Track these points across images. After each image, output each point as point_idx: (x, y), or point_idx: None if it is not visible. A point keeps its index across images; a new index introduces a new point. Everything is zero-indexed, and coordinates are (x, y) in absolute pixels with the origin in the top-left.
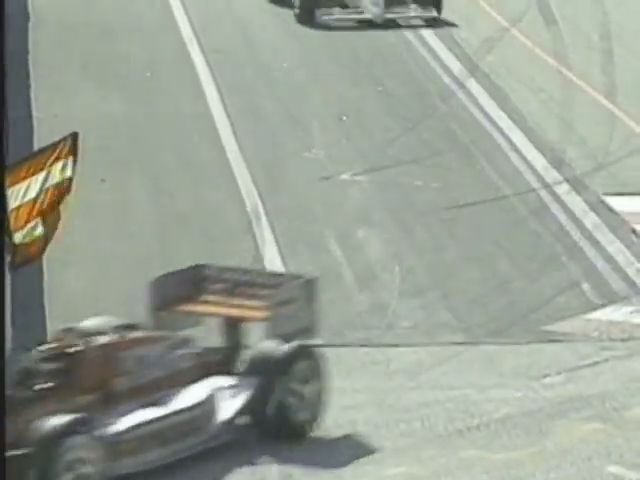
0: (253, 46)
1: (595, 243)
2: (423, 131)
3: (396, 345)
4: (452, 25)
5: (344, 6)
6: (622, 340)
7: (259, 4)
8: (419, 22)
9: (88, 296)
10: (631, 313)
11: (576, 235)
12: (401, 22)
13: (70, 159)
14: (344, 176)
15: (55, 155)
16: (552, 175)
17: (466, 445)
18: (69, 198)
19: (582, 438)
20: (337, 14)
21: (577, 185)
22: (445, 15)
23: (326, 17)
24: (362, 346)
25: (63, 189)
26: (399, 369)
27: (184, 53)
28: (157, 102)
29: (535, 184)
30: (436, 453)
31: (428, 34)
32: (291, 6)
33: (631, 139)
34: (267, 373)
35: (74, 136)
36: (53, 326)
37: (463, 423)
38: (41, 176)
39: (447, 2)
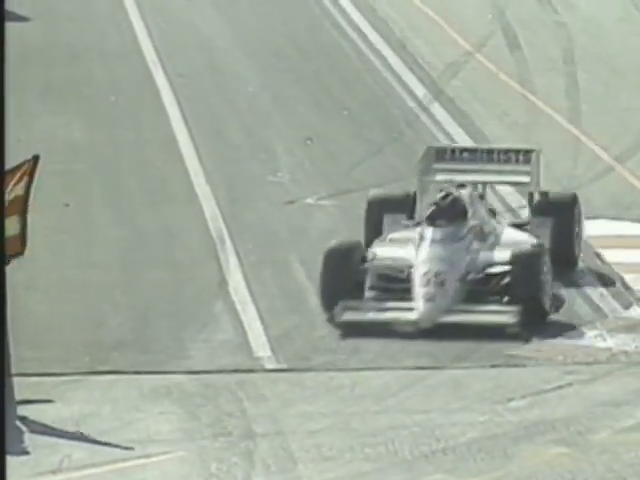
0: (217, 70)
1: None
2: (388, 155)
3: (361, 369)
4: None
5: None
6: (586, 364)
7: (224, 29)
8: None
9: (52, 321)
10: (595, 337)
11: None
12: None
13: (25, 180)
14: (309, 200)
15: (18, 176)
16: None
17: (431, 469)
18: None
19: (547, 462)
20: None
21: None
22: (410, 39)
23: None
24: (327, 370)
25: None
26: (364, 393)
27: (148, 77)
28: (121, 126)
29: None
30: (401, 477)
31: (390, 56)
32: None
33: (596, 164)
34: None
35: (35, 159)
36: (17, 351)
37: (428, 447)
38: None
39: (413, 26)
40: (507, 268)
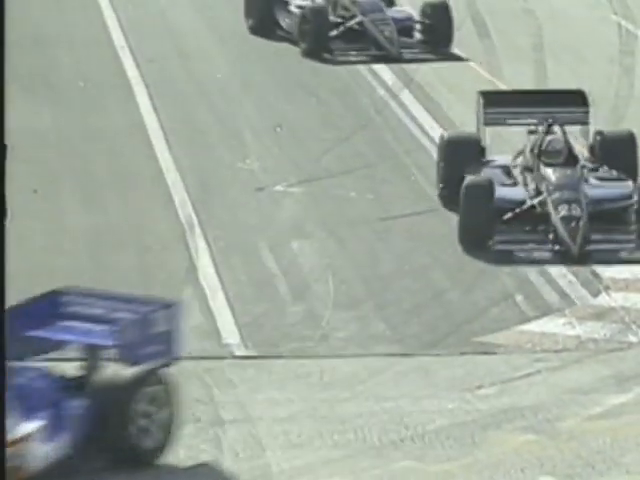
0: (187, 56)
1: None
2: (357, 142)
3: (330, 356)
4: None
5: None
6: (555, 352)
7: (193, 15)
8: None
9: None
10: (563, 325)
11: None
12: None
13: None
14: (278, 187)
15: None
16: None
17: (400, 456)
18: None
19: (515, 449)
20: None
21: None
22: None
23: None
24: (296, 357)
25: None
26: (333, 380)
27: (117, 63)
28: (89, 113)
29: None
30: (370, 464)
31: None
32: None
33: None
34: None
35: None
36: None
37: (397, 434)
38: None
39: None
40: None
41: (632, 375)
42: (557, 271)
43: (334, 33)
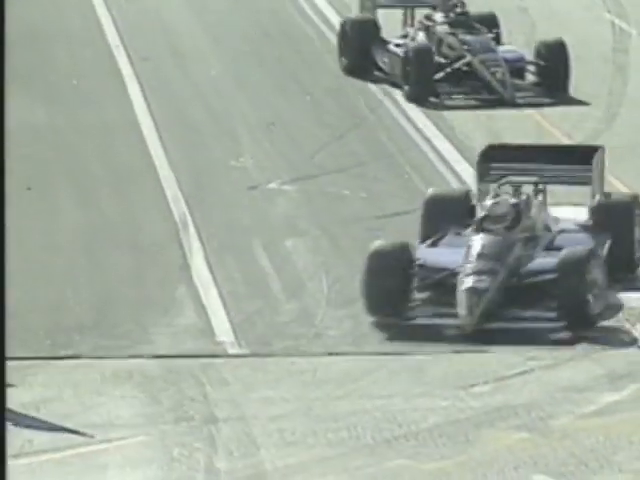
0: (181, 54)
1: None
2: (351, 140)
3: (323, 354)
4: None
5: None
6: (549, 350)
7: (187, 13)
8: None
9: (13, 305)
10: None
11: None
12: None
13: None
14: (271, 185)
15: None
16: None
17: (393, 455)
18: None
19: (509, 447)
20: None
21: None
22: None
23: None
24: (289, 355)
25: None
26: (327, 378)
27: (111, 61)
28: (83, 110)
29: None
30: (363, 463)
31: None
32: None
33: None
34: None
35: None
36: None
37: (390, 432)
38: None
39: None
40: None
41: (625, 373)
42: None
43: (440, 75)
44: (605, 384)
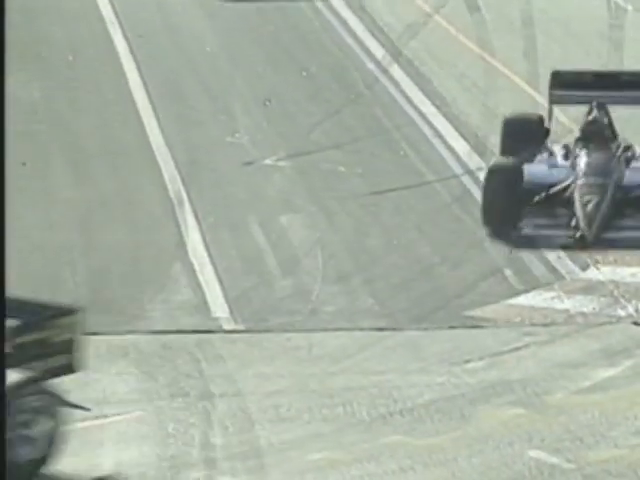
0: (176, 30)
1: None
2: (346, 117)
3: (319, 330)
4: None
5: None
6: (544, 325)
7: None
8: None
9: (9, 282)
10: (552, 299)
11: None
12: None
13: None
14: (267, 161)
15: None
16: (475, 161)
17: (389, 430)
18: None
19: (504, 423)
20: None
21: None
22: (369, 0)
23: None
24: (285, 331)
25: None
26: (322, 354)
27: (107, 37)
28: (79, 87)
29: (458, 170)
30: (359, 438)
31: (350, 17)
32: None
33: (554, 125)
34: None
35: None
36: None
37: (386, 408)
38: None
39: None
40: None
41: (621, 349)
42: None
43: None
44: (601, 360)
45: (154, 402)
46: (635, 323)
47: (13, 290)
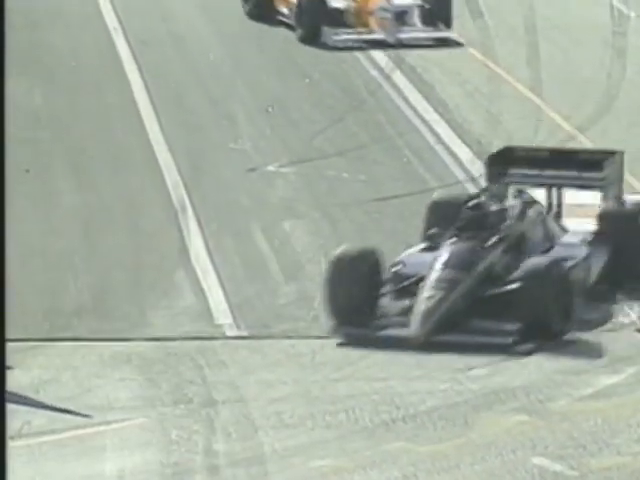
0: (179, 37)
1: None
2: (350, 123)
3: (322, 337)
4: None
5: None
6: None
7: None
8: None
9: (12, 288)
10: None
11: None
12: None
13: None
14: (270, 168)
15: None
16: (478, 168)
17: (392, 437)
18: None
19: (507, 430)
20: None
21: None
22: None
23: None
24: (288, 338)
25: None
26: (325, 361)
27: (110, 43)
28: (82, 93)
29: (461, 177)
30: (362, 445)
31: None
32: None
33: (556, 133)
34: None
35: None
36: None
37: (389, 415)
38: None
39: None
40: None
41: (624, 356)
42: None
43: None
44: (603, 367)
45: (157, 409)
46: (638, 330)
47: (14, 296)
